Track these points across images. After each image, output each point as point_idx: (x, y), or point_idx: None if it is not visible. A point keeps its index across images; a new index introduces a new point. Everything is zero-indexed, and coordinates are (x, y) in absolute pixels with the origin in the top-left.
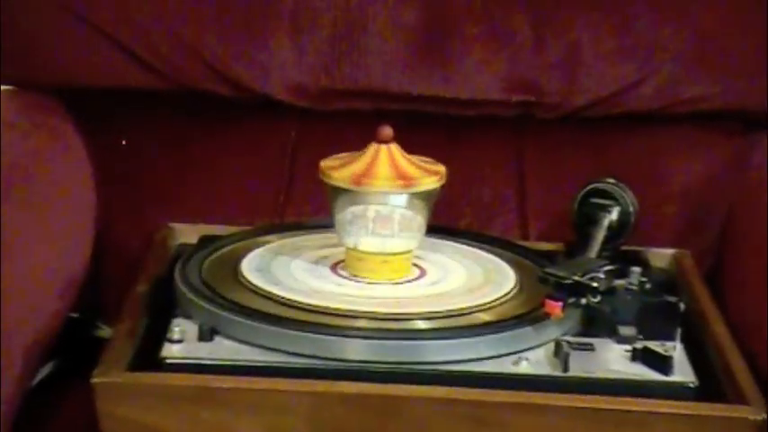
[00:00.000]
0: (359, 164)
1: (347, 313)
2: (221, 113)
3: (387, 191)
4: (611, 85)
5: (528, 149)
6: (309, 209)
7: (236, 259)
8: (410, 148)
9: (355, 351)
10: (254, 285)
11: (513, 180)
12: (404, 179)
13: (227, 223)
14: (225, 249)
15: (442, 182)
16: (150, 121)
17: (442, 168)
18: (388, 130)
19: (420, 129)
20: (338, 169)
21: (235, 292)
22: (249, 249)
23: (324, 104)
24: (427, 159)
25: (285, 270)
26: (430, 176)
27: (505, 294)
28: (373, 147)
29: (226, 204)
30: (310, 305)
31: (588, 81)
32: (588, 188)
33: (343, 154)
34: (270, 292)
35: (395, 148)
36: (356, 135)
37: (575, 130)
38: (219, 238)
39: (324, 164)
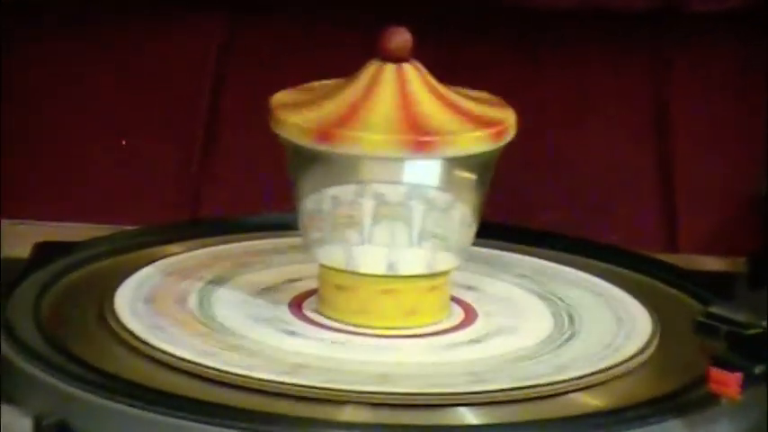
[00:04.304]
0: (344, 101)
1: (326, 395)
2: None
3: (398, 154)
4: None
5: (675, 79)
6: (247, 190)
7: (104, 289)
8: (446, 72)
9: None
10: (143, 339)
11: (647, 136)
12: (432, 131)
13: (87, 220)
14: (83, 271)
15: (508, 138)
16: None
17: (506, 113)
18: (400, 37)
19: (465, 36)
20: (304, 111)
21: (105, 354)
22: (130, 270)
23: None
24: (477, 93)
25: (202, 310)
26: (482, 128)
27: (630, 357)
28: (372, 69)
29: (85, 184)
30: (254, 380)
31: None
32: None
33: (315, 83)
34: (175, 355)
35: (414, 70)
36: (337, 47)
37: (746, 37)
38: (71, 249)
39: (277, 101)
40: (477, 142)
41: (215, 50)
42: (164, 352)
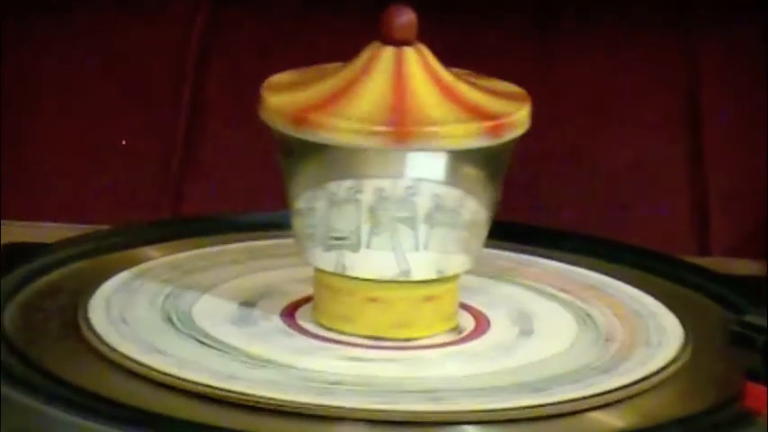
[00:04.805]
0: (332, 85)
1: (322, 412)
2: None
3: (401, 146)
4: None
5: (705, 66)
6: (234, 186)
7: (75, 297)
8: (457, 58)
9: None
10: (120, 353)
11: (674, 127)
12: (416, 122)
13: (57, 219)
14: (51, 276)
15: (512, 133)
16: None
17: (516, 107)
18: (403, 17)
19: (479, 19)
20: (289, 94)
21: (82, 370)
22: (104, 275)
23: None
24: (494, 83)
25: (185, 319)
26: (477, 120)
27: (658, 371)
28: (370, 52)
29: (55, 180)
30: (246, 396)
31: None
32: None
33: (308, 68)
34: (158, 370)
35: (415, 54)
36: (335, 30)
37: None
38: (38, 252)
39: (270, 83)
40: (468, 136)
41: (198, 33)
42: (152, 367)
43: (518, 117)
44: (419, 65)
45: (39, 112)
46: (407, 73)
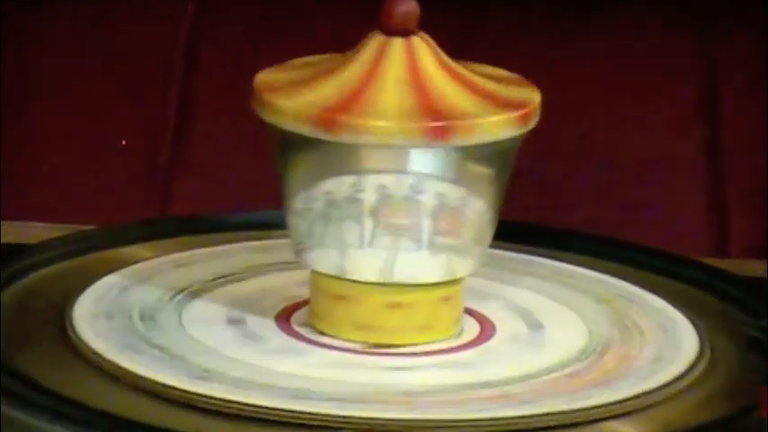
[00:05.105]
0: (345, 81)
1: (319, 421)
2: None
3: (412, 142)
4: None
5: (724, 59)
6: (225, 183)
7: (59, 301)
8: (458, 48)
9: None
10: (105, 357)
11: (692, 123)
12: (450, 115)
13: (41, 219)
14: (32, 279)
15: (533, 122)
16: None
17: (531, 94)
18: (406, 5)
19: (482, 6)
20: (297, 93)
21: (64, 373)
22: (90, 278)
23: None
24: (494, 71)
25: (174, 324)
26: (505, 110)
27: (675, 379)
28: (376, 43)
29: (38, 177)
30: (239, 405)
31: None
32: None
33: (303, 60)
34: (135, 374)
35: (424, 44)
36: (326, 20)
37: None
38: (20, 254)
39: (263, 81)
40: (501, 127)
41: (187, 23)
42: (131, 373)
43: (537, 105)
44: (430, 56)
45: (22, 106)
46: (421, 66)
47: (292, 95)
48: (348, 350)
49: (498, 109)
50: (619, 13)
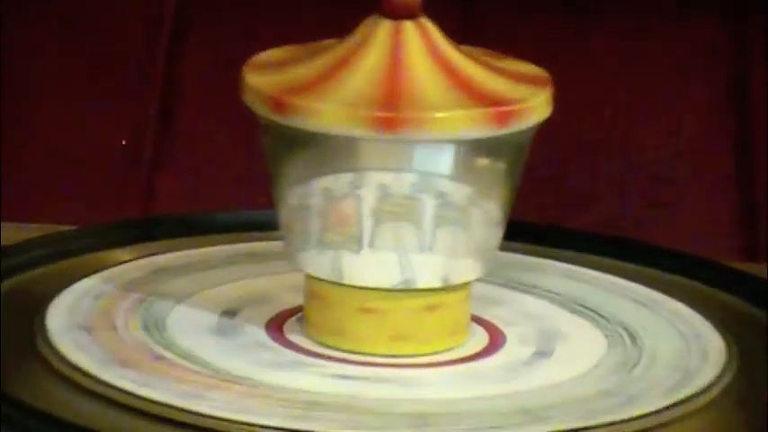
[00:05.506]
0: (321, 64)
1: None
2: None
3: (390, 134)
4: None
5: (754, 45)
6: (211, 180)
7: (31, 309)
8: (472, 36)
9: None
10: (80, 369)
11: (720, 114)
12: (434, 105)
13: (12, 218)
14: (4, 283)
15: (524, 122)
16: None
17: (533, 92)
18: None
19: None
20: (272, 74)
21: (35, 387)
22: (65, 283)
23: None
24: (511, 64)
25: (156, 332)
26: (481, 106)
27: (703, 390)
28: (366, 27)
29: (10, 173)
30: (211, 419)
31: None
32: None
33: (301, 45)
34: (118, 388)
35: (416, 29)
36: (318, 2)
37: None
38: None
39: (255, 61)
40: (469, 124)
41: (172, 5)
42: (113, 388)
43: (532, 103)
44: (419, 41)
45: None
46: (405, 50)
47: (266, 76)
48: (352, 362)
49: (475, 104)
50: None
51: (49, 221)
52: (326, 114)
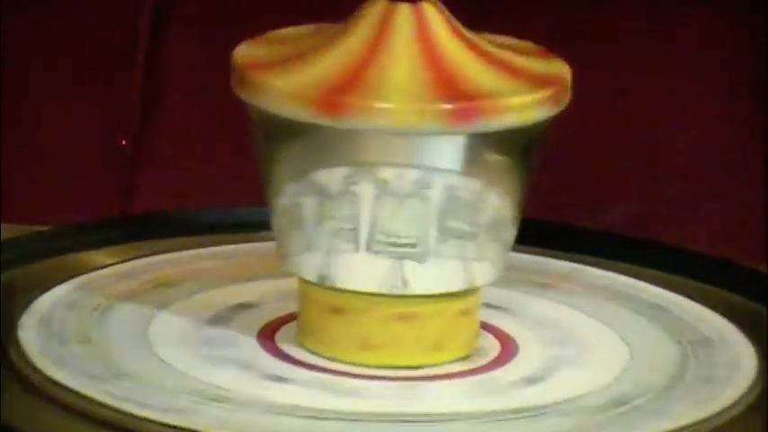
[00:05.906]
0: (344, 55)
1: None
2: None
3: (432, 127)
4: None
5: None
6: (197, 175)
7: (4, 314)
8: (474, 18)
9: None
10: (55, 382)
11: (748, 110)
12: (475, 95)
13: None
14: None
15: (566, 101)
16: None
17: (560, 67)
18: None
19: None
20: (286, 72)
21: (6, 401)
22: (39, 288)
23: None
24: (515, 42)
25: (137, 342)
26: (537, 88)
27: (734, 403)
28: (377, 10)
29: None
30: None
31: None
32: None
33: (290, 30)
34: (97, 402)
35: (436, 12)
36: None
37: None
38: None
39: (243, 56)
40: (532, 107)
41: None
42: (92, 402)
43: (569, 80)
44: (445, 26)
45: None
46: (435, 38)
47: (284, 73)
48: (349, 374)
49: (528, 86)
50: None
51: (22, 221)
52: (275, 94)
